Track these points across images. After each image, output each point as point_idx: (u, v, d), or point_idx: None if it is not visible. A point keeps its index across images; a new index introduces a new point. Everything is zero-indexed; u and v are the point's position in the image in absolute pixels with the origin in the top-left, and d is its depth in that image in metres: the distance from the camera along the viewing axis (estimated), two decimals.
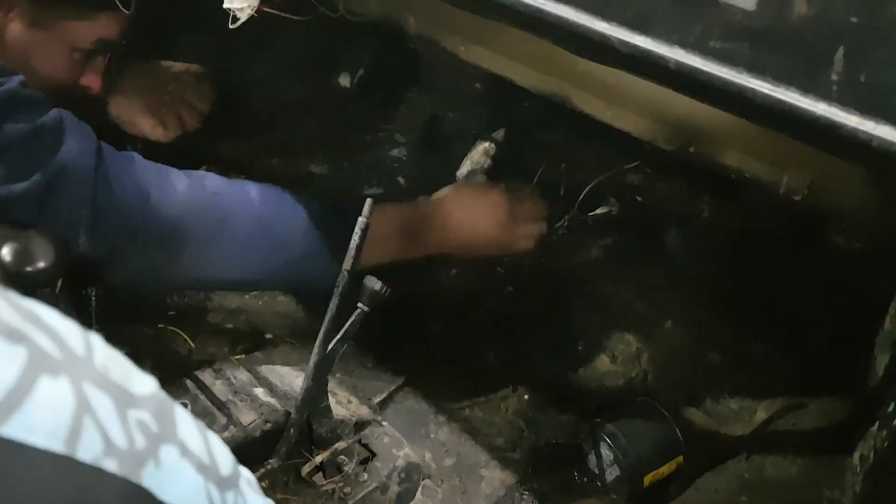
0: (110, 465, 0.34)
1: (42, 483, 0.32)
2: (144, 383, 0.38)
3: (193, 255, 1.06)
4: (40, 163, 0.97)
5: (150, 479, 0.35)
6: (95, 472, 0.34)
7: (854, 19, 0.52)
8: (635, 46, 0.61)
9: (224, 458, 0.41)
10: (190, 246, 1.06)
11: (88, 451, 0.34)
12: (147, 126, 1.40)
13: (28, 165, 0.96)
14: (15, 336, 0.34)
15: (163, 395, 0.39)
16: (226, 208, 1.08)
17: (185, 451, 0.38)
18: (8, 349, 0.34)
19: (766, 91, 0.55)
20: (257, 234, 1.09)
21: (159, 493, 0.36)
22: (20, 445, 0.32)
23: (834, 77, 0.53)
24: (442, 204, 1.25)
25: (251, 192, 1.12)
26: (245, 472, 0.43)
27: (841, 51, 0.53)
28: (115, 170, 1.02)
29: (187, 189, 1.07)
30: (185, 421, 0.39)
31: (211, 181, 1.10)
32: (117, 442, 0.35)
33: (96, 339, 0.38)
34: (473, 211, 1.25)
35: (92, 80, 1.25)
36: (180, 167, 1.11)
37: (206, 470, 0.39)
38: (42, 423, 0.33)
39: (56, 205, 0.98)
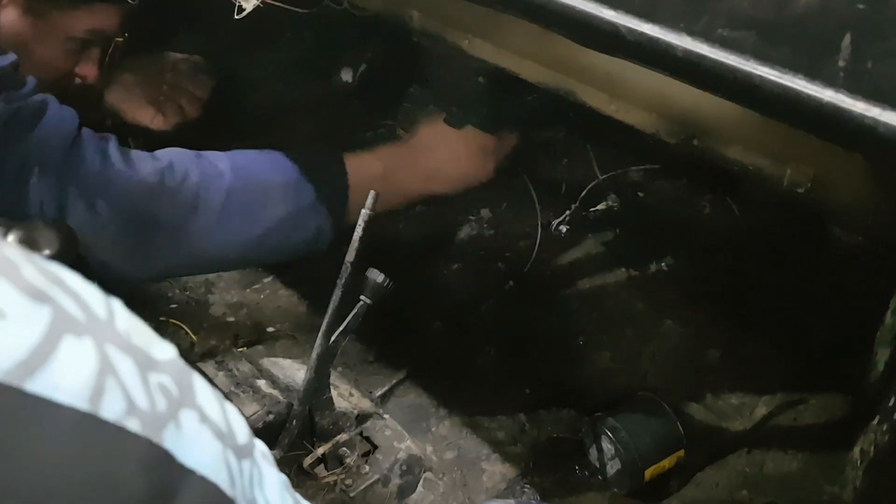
0: (133, 425, 0.35)
1: (67, 439, 0.33)
2: (164, 349, 0.39)
3: (166, 242, 1.06)
4: (14, 145, 0.97)
5: (170, 441, 0.36)
6: (118, 431, 0.34)
7: (861, 6, 0.52)
8: (643, 34, 0.61)
9: (241, 427, 0.41)
10: (161, 233, 1.05)
11: (112, 410, 0.34)
12: (147, 116, 1.41)
13: (3, 148, 0.96)
14: (40, 296, 0.34)
15: (182, 362, 0.39)
16: (195, 189, 1.06)
17: (204, 417, 0.38)
18: (33, 308, 0.34)
19: (772, 78, 0.56)
20: (232, 205, 1.08)
21: (180, 455, 0.36)
22: (46, 402, 0.32)
23: (841, 64, 0.54)
24: (418, 147, 1.25)
25: (220, 165, 1.10)
26: (260, 444, 0.44)
27: (848, 37, 0.53)
28: (91, 156, 1.02)
29: (153, 175, 1.05)
30: (203, 388, 0.39)
31: (178, 161, 1.08)
32: (139, 403, 0.35)
33: (118, 305, 0.39)
34: (448, 147, 1.25)
35: (87, 70, 1.25)
36: None
37: (224, 437, 0.39)
38: (67, 380, 0.33)
39: (28, 188, 0.97)
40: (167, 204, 1.05)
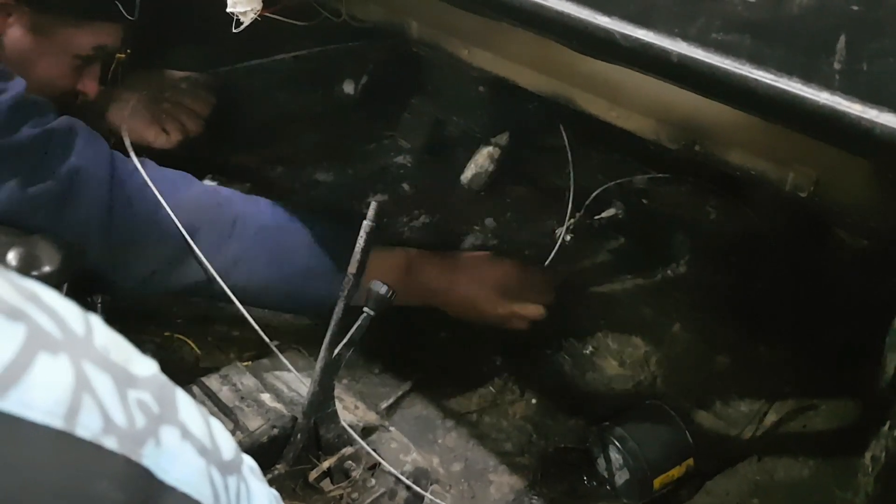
0: (109, 443, 0.34)
1: (41, 458, 0.32)
2: (145, 365, 0.38)
3: (201, 253, 1.07)
4: (53, 167, 0.98)
5: (150, 459, 0.35)
6: (94, 449, 0.34)
7: (855, 7, 0.52)
8: (637, 40, 0.61)
9: (226, 443, 0.41)
10: (198, 244, 1.07)
11: (87, 428, 0.34)
12: (150, 135, 1.41)
13: (41, 170, 0.97)
14: (14, 314, 0.34)
15: (164, 378, 0.38)
16: (236, 213, 1.11)
17: (186, 434, 0.38)
18: (6, 326, 0.34)
19: (768, 81, 0.55)
20: (264, 242, 1.11)
21: (159, 472, 0.35)
22: (18, 420, 0.32)
23: (836, 66, 0.53)
24: (451, 262, 1.25)
25: (261, 204, 1.14)
26: (248, 460, 0.43)
27: (843, 39, 0.53)
28: (129, 174, 1.04)
29: (200, 191, 1.10)
30: (186, 404, 0.39)
31: (223, 189, 1.14)
32: (117, 420, 0.35)
33: (97, 321, 0.38)
34: (480, 279, 1.24)
35: (89, 86, 1.26)
36: None
37: (208, 453, 0.39)
38: (40, 398, 0.33)
39: (73, 209, 0.99)
40: (208, 218, 1.08)
